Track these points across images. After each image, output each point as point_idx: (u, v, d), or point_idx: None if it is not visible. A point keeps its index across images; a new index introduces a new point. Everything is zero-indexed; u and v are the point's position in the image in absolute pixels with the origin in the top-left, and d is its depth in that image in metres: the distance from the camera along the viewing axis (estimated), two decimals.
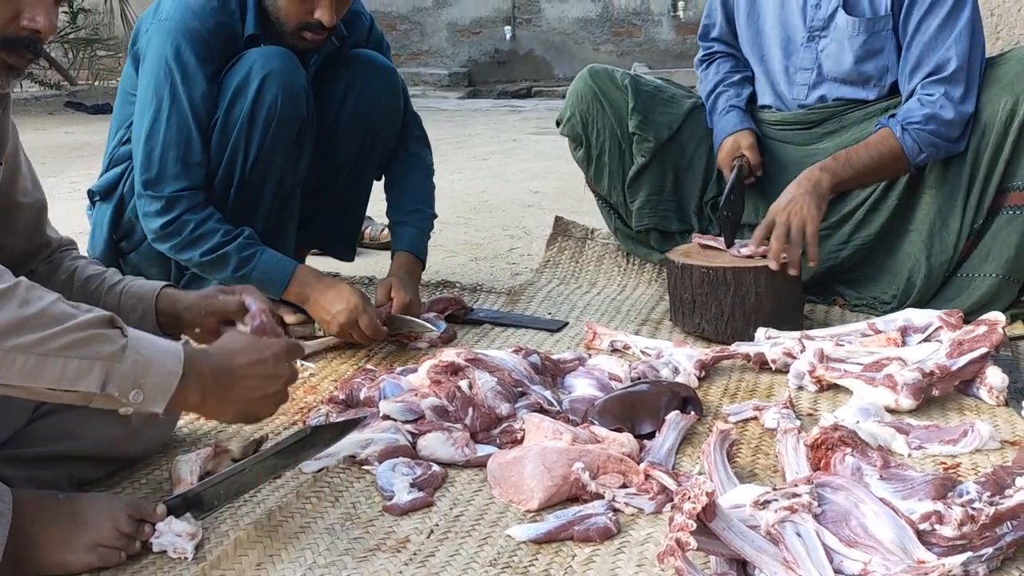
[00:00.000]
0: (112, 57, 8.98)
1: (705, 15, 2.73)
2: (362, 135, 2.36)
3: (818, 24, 2.42)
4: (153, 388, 1.21)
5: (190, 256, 2.07)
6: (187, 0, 2.07)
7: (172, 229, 2.05)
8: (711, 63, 2.71)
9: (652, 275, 2.74)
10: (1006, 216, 2.28)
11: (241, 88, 2.07)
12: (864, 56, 2.40)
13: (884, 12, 2.35)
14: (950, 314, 2.04)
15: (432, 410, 1.71)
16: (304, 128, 2.18)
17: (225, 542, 1.36)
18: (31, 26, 1.22)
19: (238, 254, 2.06)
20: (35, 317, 1.12)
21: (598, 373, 1.93)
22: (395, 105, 2.38)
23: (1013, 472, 1.40)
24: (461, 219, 3.68)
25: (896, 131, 2.28)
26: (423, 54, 11.66)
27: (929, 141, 2.26)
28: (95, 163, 2.47)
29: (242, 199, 2.13)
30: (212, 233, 2.05)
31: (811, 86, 2.50)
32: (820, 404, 1.87)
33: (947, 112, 2.25)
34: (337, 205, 2.45)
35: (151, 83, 2.06)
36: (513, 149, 5.89)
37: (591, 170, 2.71)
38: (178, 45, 2.04)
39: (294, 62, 2.11)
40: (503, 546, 1.37)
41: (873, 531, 1.24)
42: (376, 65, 2.35)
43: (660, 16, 11.16)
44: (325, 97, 2.31)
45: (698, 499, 1.18)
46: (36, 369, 1.12)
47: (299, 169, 2.25)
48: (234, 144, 2.09)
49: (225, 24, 2.08)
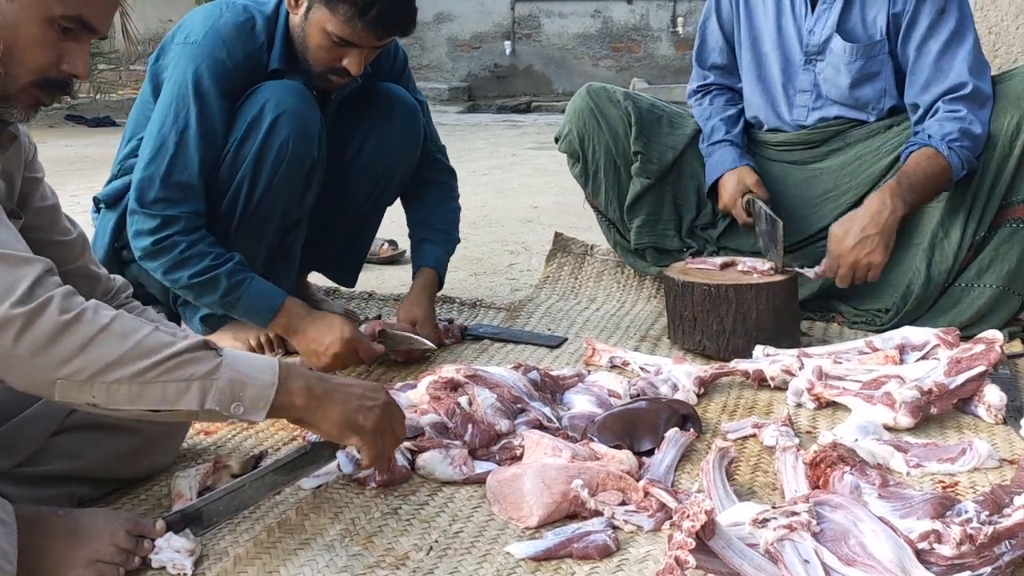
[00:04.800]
0: (113, 71, 9.01)
1: (700, 38, 2.72)
2: (378, 175, 2.34)
3: (814, 48, 2.45)
4: (252, 399, 1.29)
5: (178, 276, 2.02)
6: (217, 25, 2.04)
7: (162, 247, 2.00)
8: (706, 95, 2.72)
9: (651, 291, 2.75)
10: (1008, 229, 2.29)
11: (254, 124, 2.04)
12: (860, 80, 2.42)
13: (880, 37, 2.37)
14: (947, 332, 2.05)
15: (431, 427, 1.71)
16: (314, 168, 2.16)
17: (224, 558, 1.36)
18: (70, 71, 1.28)
19: (228, 279, 2.01)
20: (133, 350, 1.22)
21: (597, 390, 1.93)
22: (414, 148, 2.36)
23: (1011, 491, 1.40)
24: (461, 234, 3.67)
25: (943, 150, 2.26)
26: (423, 68, 11.70)
27: (967, 157, 2.28)
28: (95, 176, 2.48)
29: (246, 230, 2.12)
30: (202, 256, 2.01)
31: (811, 108, 2.52)
32: (819, 422, 1.87)
33: (976, 128, 2.27)
34: (345, 235, 2.44)
35: (168, 105, 2.03)
36: (512, 164, 5.90)
37: (589, 186, 2.73)
38: (201, 74, 2.01)
39: (309, 101, 2.09)
40: (502, 563, 1.37)
41: (872, 550, 1.24)
42: (402, 107, 2.31)
43: (659, 32, 11.21)
44: (345, 134, 2.29)
45: (697, 517, 1.19)
46: (138, 396, 1.23)
47: (304, 203, 2.23)
48: (241, 179, 2.07)
49: (252, 56, 2.06)
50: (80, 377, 1.19)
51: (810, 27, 2.44)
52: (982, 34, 4.27)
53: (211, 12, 2.08)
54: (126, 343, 1.22)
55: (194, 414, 1.27)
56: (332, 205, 2.35)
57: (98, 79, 8.88)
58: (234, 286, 2.02)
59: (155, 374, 1.22)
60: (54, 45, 1.25)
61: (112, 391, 1.21)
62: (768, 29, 2.52)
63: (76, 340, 1.18)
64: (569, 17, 11.44)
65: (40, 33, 1.24)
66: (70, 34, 1.26)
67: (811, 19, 2.44)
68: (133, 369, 1.21)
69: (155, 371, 1.22)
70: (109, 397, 1.21)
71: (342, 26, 1.96)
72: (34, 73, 1.26)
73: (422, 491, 1.59)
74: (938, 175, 2.27)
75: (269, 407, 1.31)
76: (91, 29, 1.27)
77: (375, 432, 1.43)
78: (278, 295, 2.05)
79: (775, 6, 2.50)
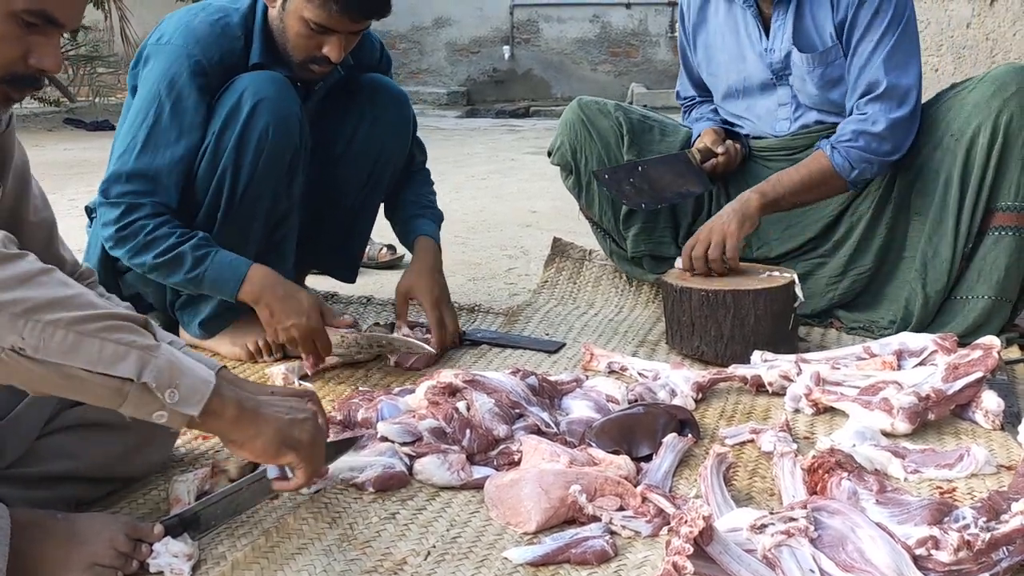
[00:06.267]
0: (112, 74, 9.02)
1: (679, 83, 2.86)
2: (371, 165, 2.36)
3: (779, 65, 2.50)
4: (188, 390, 1.20)
5: (143, 260, 2.01)
6: (191, 25, 2.07)
7: (127, 233, 2.00)
8: (693, 107, 2.84)
9: (649, 296, 2.75)
10: (993, 237, 2.30)
11: (232, 114, 2.05)
12: (825, 85, 2.47)
13: (832, 42, 2.41)
14: (944, 338, 2.06)
15: (430, 432, 1.71)
16: (297, 156, 2.16)
17: (222, 563, 1.36)
18: (38, 66, 1.25)
19: (193, 252, 1.99)
20: (75, 298, 1.15)
21: (595, 395, 1.93)
22: (405, 136, 2.39)
23: (1009, 497, 1.40)
24: (459, 238, 3.69)
25: (827, 150, 2.38)
26: (422, 73, 11.72)
27: (860, 157, 2.36)
28: (94, 180, 2.48)
29: (233, 223, 2.11)
30: (166, 236, 2.00)
31: (792, 120, 2.58)
32: (817, 427, 1.88)
33: (878, 126, 2.33)
34: (341, 229, 2.45)
35: (141, 104, 2.05)
36: (511, 168, 5.91)
37: (582, 197, 2.75)
38: (175, 72, 2.03)
39: (287, 88, 2.10)
40: (500, 568, 1.37)
41: (869, 556, 1.25)
42: (388, 96, 2.35)
43: (658, 37, 11.23)
44: (335, 126, 2.31)
45: (695, 523, 1.19)
46: (72, 348, 1.12)
47: (292, 194, 2.23)
48: (224, 168, 2.07)
49: (228, 53, 2.08)
50: (15, 308, 1.10)
51: (768, 47, 2.49)
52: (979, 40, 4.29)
53: (186, 13, 2.12)
54: (68, 289, 1.15)
55: (124, 391, 1.16)
56: (325, 198, 2.36)
57: (97, 83, 8.90)
58: (199, 259, 2.00)
59: (95, 328, 1.13)
60: (19, 40, 1.22)
61: (46, 335, 1.11)
62: (734, 66, 2.58)
63: (17, 271, 1.12)
64: (568, 22, 11.46)
65: (3, 28, 1.20)
66: (35, 28, 1.22)
67: (767, 40, 2.49)
68: (73, 315, 1.12)
69: (95, 324, 1.14)
70: (41, 341, 1.10)
71: (318, 11, 2.00)
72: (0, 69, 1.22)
73: (420, 496, 1.59)
74: (816, 174, 2.38)
75: (204, 403, 1.21)
76: (56, 23, 1.23)
77: (311, 445, 1.35)
78: (243, 264, 2.03)
79: (735, 41, 2.55)
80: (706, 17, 2.62)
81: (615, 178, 2.58)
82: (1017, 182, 2.26)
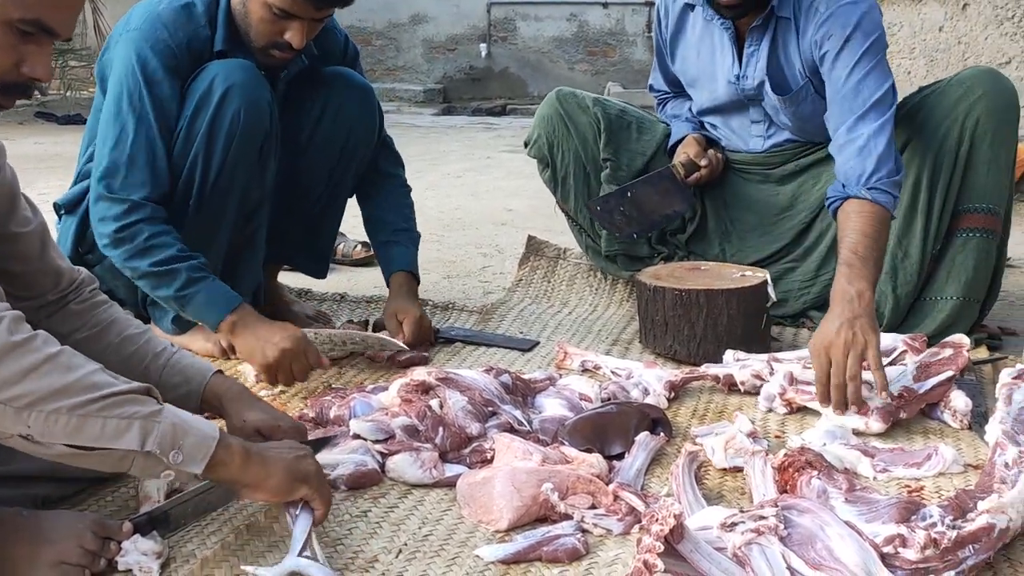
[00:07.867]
0: (84, 68, 8.92)
1: (652, 77, 2.81)
2: (337, 154, 2.35)
3: (751, 92, 2.47)
4: (192, 448, 1.26)
5: (138, 265, 2.00)
6: (156, 11, 2.07)
7: (126, 235, 2.00)
8: (667, 101, 2.81)
9: (623, 295, 2.76)
10: (961, 238, 2.32)
11: (203, 100, 2.05)
12: (797, 119, 2.46)
13: (803, 81, 2.38)
14: (915, 338, 2.07)
15: (402, 429, 1.70)
16: (268, 141, 2.16)
17: (191, 561, 1.36)
18: (31, 74, 1.25)
19: (189, 272, 1.99)
20: (78, 382, 1.20)
21: (568, 393, 1.93)
22: (371, 124, 2.38)
23: (976, 496, 1.42)
24: (434, 236, 3.68)
25: (867, 196, 2.07)
26: (398, 70, 11.69)
27: (891, 184, 2.11)
28: (65, 175, 2.45)
29: (206, 211, 2.10)
30: (166, 246, 2.00)
31: (765, 137, 2.58)
32: (788, 426, 1.89)
33: (879, 145, 2.13)
34: (310, 221, 2.43)
35: (118, 92, 2.04)
36: (487, 166, 5.90)
37: (558, 191, 2.75)
38: (145, 55, 2.03)
39: (257, 75, 2.10)
40: (472, 566, 1.37)
41: (838, 554, 1.26)
42: (353, 84, 2.35)
43: (635, 36, 11.26)
44: (299, 115, 2.30)
45: (666, 521, 1.19)
46: (76, 430, 1.19)
47: (265, 183, 2.22)
48: (195, 156, 2.06)
49: (194, 38, 2.08)
50: (20, 403, 1.16)
51: (741, 74, 2.45)
52: (951, 44, 4.33)
53: (150, 3, 2.11)
54: (71, 375, 1.20)
55: (129, 459, 1.23)
56: (292, 190, 2.35)
57: (68, 76, 8.80)
58: (194, 280, 1.99)
59: (97, 408, 1.20)
60: (13, 48, 1.22)
61: (50, 422, 1.17)
62: (707, 84, 2.56)
63: (22, 364, 1.17)
64: (545, 20, 11.47)
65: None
66: (30, 37, 1.22)
67: (739, 67, 2.45)
68: (75, 400, 1.19)
69: (97, 405, 1.20)
70: (46, 427, 1.18)
71: None
72: None
73: (392, 494, 1.59)
74: (876, 225, 2.05)
75: (209, 458, 1.27)
76: (51, 32, 1.24)
77: (320, 475, 1.40)
78: (236, 298, 2.03)
79: (709, 60, 2.52)
80: (684, 28, 2.57)
81: (607, 208, 2.56)
82: (984, 184, 2.28)
